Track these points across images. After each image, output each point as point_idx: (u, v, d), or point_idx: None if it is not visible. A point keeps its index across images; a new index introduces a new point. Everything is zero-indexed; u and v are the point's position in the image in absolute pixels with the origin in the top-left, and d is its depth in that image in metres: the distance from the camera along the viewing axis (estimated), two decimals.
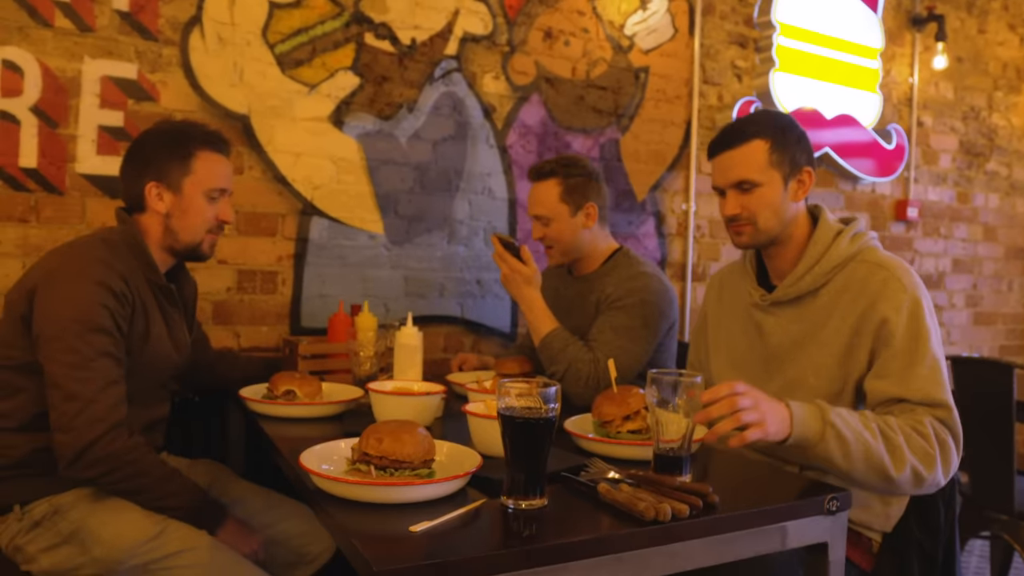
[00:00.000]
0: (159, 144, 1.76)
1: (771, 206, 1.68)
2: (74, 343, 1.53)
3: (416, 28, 2.78)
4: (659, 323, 2.17)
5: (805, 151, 1.72)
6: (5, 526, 1.62)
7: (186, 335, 1.88)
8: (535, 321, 2.14)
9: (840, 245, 1.67)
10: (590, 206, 2.27)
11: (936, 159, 4.22)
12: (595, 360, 2.05)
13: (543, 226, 2.27)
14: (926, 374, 1.52)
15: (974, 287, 4.42)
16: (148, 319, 1.71)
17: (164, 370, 1.79)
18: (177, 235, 1.77)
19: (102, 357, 1.55)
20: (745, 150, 1.68)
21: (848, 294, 1.63)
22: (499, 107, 2.96)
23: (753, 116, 1.79)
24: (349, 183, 2.70)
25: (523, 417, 1.17)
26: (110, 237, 1.73)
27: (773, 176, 1.67)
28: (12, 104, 2.22)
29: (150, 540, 1.55)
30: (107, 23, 2.33)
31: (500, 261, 2.14)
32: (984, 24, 4.36)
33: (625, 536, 1.13)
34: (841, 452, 1.42)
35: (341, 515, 1.15)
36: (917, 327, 1.55)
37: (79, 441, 1.48)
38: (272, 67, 2.56)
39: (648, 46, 3.28)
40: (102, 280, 1.59)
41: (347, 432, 1.56)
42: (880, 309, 1.57)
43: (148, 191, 1.74)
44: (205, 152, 1.77)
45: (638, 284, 2.18)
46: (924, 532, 1.67)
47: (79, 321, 1.54)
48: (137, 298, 1.67)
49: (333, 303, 2.62)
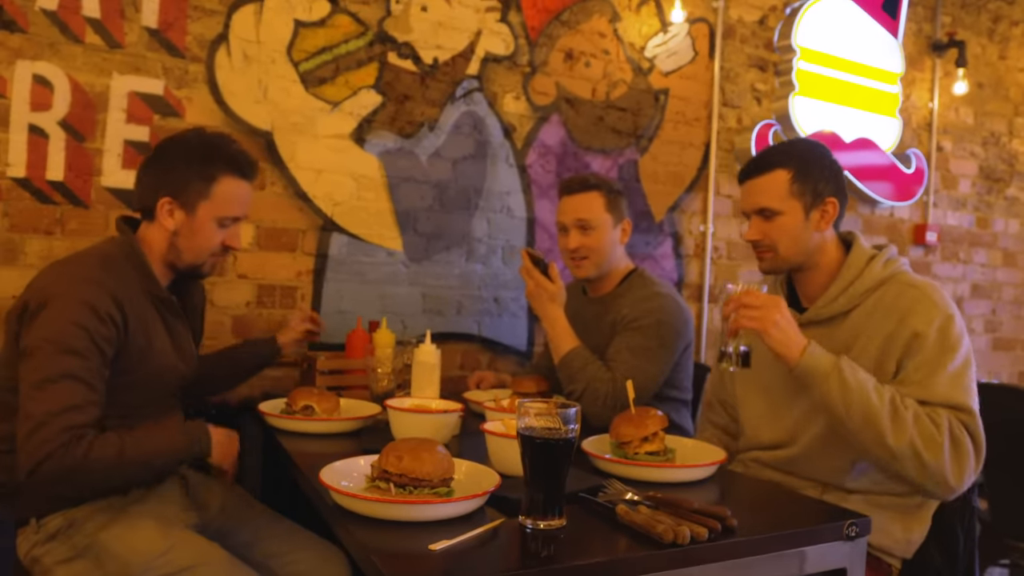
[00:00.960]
0: (183, 160, 1.70)
1: (791, 234, 1.71)
2: (40, 362, 1.49)
3: (438, 48, 2.81)
4: (675, 343, 2.18)
5: (831, 181, 1.73)
6: (24, 538, 1.62)
7: (191, 345, 1.85)
8: (556, 339, 2.14)
9: (874, 269, 1.69)
10: (627, 223, 2.32)
11: (955, 184, 4.21)
12: (614, 380, 2.04)
13: (582, 235, 2.26)
14: (949, 380, 1.53)
15: (993, 312, 4.38)
16: (149, 333, 1.67)
17: (170, 382, 1.76)
18: (181, 254, 1.73)
19: (64, 379, 1.48)
20: (767, 179, 1.72)
21: (878, 313, 1.64)
22: (519, 127, 2.98)
23: (782, 145, 1.83)
24: (369, 200, 2.73)
25: (543, 437, 1.17)
26: (109, 251, 1.69)
27: (793, 205, 1.70)
28: (41, 118, 2.27)
29: (162, 555, 1.54)
30: (136, 40, 2.37)
31: (527, 276, 2.16)
32: (1005, 50, 4.35)
33: (643, 559, 1.13)
34: (842, 398, 1.48)
35: (360, 532, 1.15)
36: (946, 340, 1.56)
37: (28, 462, 1.44)
38: (296, 84, 2.60)
39: (668, 68, 3.30)
40: (85, 300, 1.54)
41: (365, 449, 1.57)
42: (910, 324, 1.59)
43: (160, 205, 1.69)
44: (228, 178, 1.72)
45: (654, 304, 2.18)
46: (944, 558, 1.66)
47: (52, 341, 1.50)
48: (132, 313, 1.62)
49: (351, 319, 2.64)
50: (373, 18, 2.71)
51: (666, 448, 1.60)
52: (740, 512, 1.26)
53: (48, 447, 1.45)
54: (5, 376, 1.61)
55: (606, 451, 1.61)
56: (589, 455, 1.58)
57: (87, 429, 1.49)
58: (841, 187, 1.75)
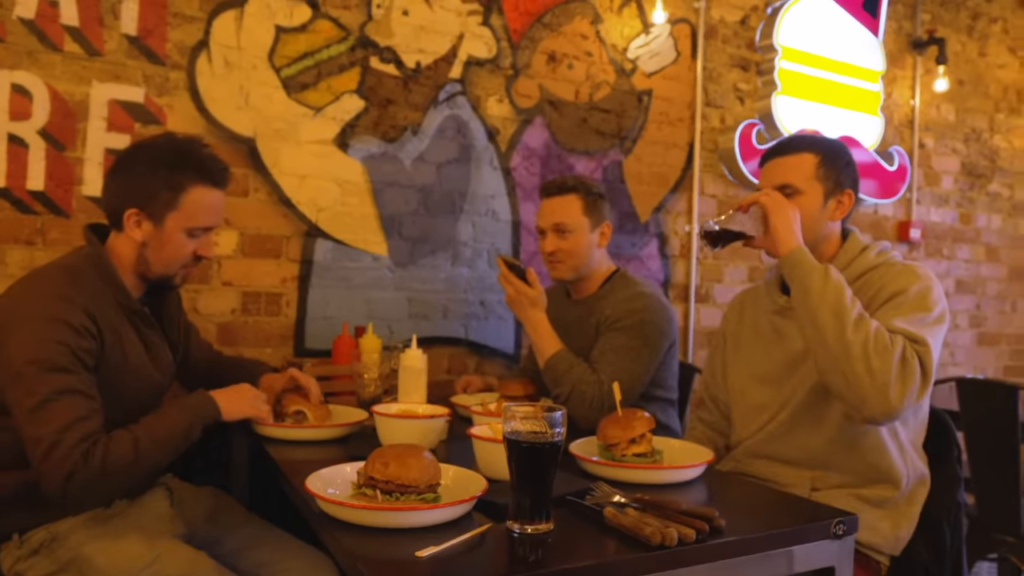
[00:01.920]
0: (149, 168, 1.63)
1: (808, 216, 1.73)
2: (32, 385, 1.46)
3: (421, 52, 2.81)
4: (660, 342, 2.18)
5: (851, 176, 1.79)
6: (6, 553, 1.60)
7: (168, 356, 1.81)
8: (540, 343, 2.14)
9: (867, 256, 1.73)
10: (606, 225, 2.32)
11: (938, 180, 4.24)
12: (599, 382, 2.04)
13: (559, 238, 2.27)
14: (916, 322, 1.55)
15: (977, 308, 4.41)
16: (124, 346, 1.64)
17: (149, 394, 1.73)
18: (150, 265, 1.68)
19: (62, 396, 1.47)
20: (796, 159, 1.77)
21: (865, 290, 1.67)
22: (503, 130, 2.98)
23: (809, 135, 1.89)
24: (353, 205, 2.72)
25: (529, 441, 1.17)
26: (75, 263, 1.64)
27: (816, 188, 1.75)
28: (21, 127, 2.25)
29: (147, 566, 1.52)
30: (115, 47, 2.36)
31: (505, 283, 2.15)
32: (985, 47, 4.39)
33: (631, 561, 1.13)
34: (821, 287, 1.55)
35: (347, 539, 1.14)
36: (923, 299, 1.59)
37: (54, 485, 1.44)
38: (278, 90, 2.59)
39: (651, 69, 3.30)
40: (58, 316, 1.50)
41: (352, 455, 1.56)
42: (891, 287, 1.62)
43: (127, 216, 1.63)
44: (197, 187, 1.65)
45: (637, 305, 2.18)
46: (932, 554, 1.67)
47: (35, 362, 1.46)
48: (106, 327, 1.58)
49: (337, 325, 2.63)
50: (354, 23, 2.70)
51: (653, 450, 1.60)
52: (728, 512, 1.26)
53: (68, 464, 1.44)
54: None
55: (593, 453, 1.61)
56: (576, 457, 1.58)
57: (99, 434, 1.49)
58: (857, 185, 1.81)
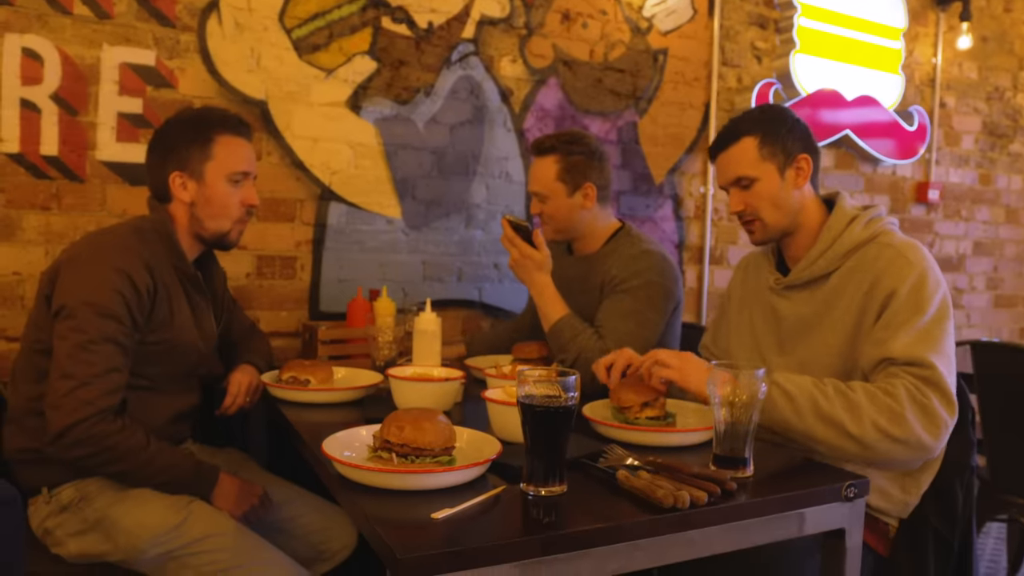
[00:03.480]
0: (178, 132, 1.76)
1: (771, 198, 1.73)
2: (82, 324, 1.54)
3: (433, 11, 2.77)
4: (665, 304, 2.16)
5: (799, 139, 1.75)
6: (35, 508, 1.65)
7: (212, 324, 1.88)
8: (545, 307, 2.11)
9: (854, 230, 1.68)
10: (588, 187, 2.22)
11: (958, 140, 4.17)
12: (605, 350, 2.04)
13: (540, 202, 2.26)
14: (914, 337, 1.51)
15: (995, 270, 4.37)
16: (172, 305, 1.72)
17: (189, 357, 1.79)
18: (203, 223, 1.77)
19: (107, 342, 1.55)
20: (736, 149, 1.76)
21: (857, 275, 1.64)
22: (516, 90, 2.95)
23: (743, 114, 1.83)
24: (367, 168, 2.71)
25: (543, 405, 1.18)
26: (142, 225, 1.75)
27: (767, 169, 1.73)
28: (33, 92, 2.24)
29: (173, 529, 1.57)
30: (125, 10, 2.34)
31: (509, 245, 2.08)
32: (1011, 3, 4.27)
33: (644, 523, 1.14)
34: (791, 408, 1.46)
35: (363, 502, 1.16)
36: (918, 297, 1.55)
37: (64, 420, 1.49)
38: (289, 52, 2.57)
39: (667, 28, 3.25)
40: (122, 268, 1.60)
41: (368, 418, 1.58)
42: (885, 284, 1.58)
43: (172, 181, 1.75)
44: (224, 136, 1.77)
45: (643, 265, 2.15)
46: (942, 517, 1.68)
47: (91, 304, 1.55)
48: (161, 286, 1.68)
49: (352, 288, 2.64)
50: None
51: (667, 413, 1.61)
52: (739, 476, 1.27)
53: (89, 409, 1.50)
54: (35, 339, 1.65)
55: (607, 416, 1.62)
56: (590, 420, 1.59)
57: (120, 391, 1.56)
58: (811, 143, 1.77)
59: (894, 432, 1.43)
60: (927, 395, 1.46)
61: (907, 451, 1.46)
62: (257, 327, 2.18)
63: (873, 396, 1.46)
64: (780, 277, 1.79)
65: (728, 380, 1.30)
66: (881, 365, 1.53)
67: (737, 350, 1.89)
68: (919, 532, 1.64)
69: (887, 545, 1.64)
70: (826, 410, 1.45)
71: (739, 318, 1.93)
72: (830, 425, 1.45)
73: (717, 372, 1.32)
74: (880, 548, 1.63)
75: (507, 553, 1.04)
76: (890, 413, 1.44)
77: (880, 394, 1.46)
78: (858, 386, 1.49)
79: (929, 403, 1.45)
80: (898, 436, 1.44)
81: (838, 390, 1.48)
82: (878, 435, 1.43)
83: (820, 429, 1.45)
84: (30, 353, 1.67)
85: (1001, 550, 3.16)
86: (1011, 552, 2.85)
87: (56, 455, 1.54)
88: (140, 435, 1.57)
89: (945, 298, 1.57)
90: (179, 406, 1.79)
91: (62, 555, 1.62)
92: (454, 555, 1.00)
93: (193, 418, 1.87)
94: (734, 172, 1.76)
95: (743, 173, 1.74)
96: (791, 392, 1.47)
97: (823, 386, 1.49)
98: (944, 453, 1.66)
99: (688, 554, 1.20)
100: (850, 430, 1.44)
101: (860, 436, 1.43)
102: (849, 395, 1.47)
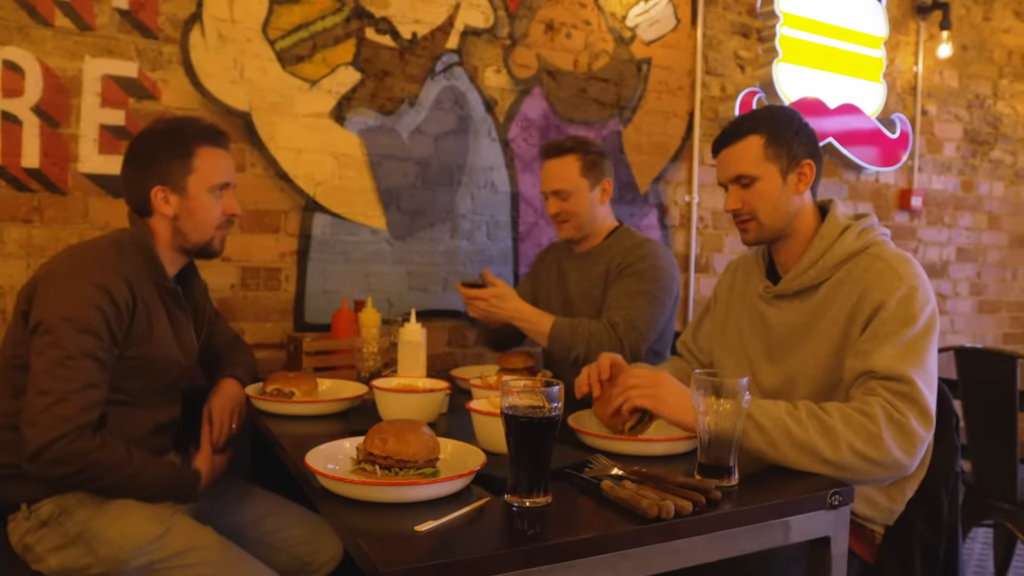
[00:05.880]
0: (158, 145, 1.73)
1: (770, 200, 1.70)
2: (60, 340, 1.52)
3: (417, 22, 2.78)
4: (671, 286, 2.22)
5: (805, 144, 1.72)
6: (15, 524, 1.63)
7: (192, 338, 1.86)
8: (532, 325, 2.15)
9: (846, 240, 1.66)
10: (607, 182, 2.35)
11: (940, 148, 4.21)
12: (612, 324, 2.07)
13: (561, 200, 2.31)
14: (898, 351, 1.48)
15: (978, 276, 4.41)
16: (151, 320, 1.70)
17: (170, 371, 1.77)
18: (187, 235, 1.75)
19: (85, 358, 1.53)
20: (741, 146, 1.72)
21: (846, 286, 1.62)
22: (501, 101, 2.96)
23: (752, 112, 1.81)
24: (351, 179, 2.71)
25: (527, 416, 1.17)
26: (121, 239, 1.73)
27: (770, 169, 1.70)
28: (14, 104, 2.23)
29: (155, 540, 1.55)
30: (107, 21, 2.33)
31: (472, 300, 2.16)
32: (990, 11, 4.33)
33: (629, 533, 1.13)
34: (763, 440, 1.41)
35: (347, 515, 1.15)
36: (905, 311, 1.52)
37: (41, 437, 1.47)
38: (273, 63, 2.56)
39: (650, 37, 3.27)
40: (100, 283, 1.58)
41: (352, 430, 1.57)
42: (873, 297, 1.56)
43: (154, 195, 1.72)
44: (205, 148, 1.74)
45: (646, 250, 2.22)
46: (928, 522, 1.68)
47: (70, 319, 1.53)
48: (140, 300, 1.66)
49: (336, 299, 2.63)
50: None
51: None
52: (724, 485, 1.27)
53: (66, 426, 1.48)
54: (12, 354, 1.64)
55: (591, 426, 1.61)
56: (574, 430, 1.59)
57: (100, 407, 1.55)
58: (816, 149, 1.74)
59: (871, 455, 1.40)
60: (904, 412, 1.43)
61: (883, 472, 1.43)
62: (241, 339, 2.16)
63: (848, 418, 1.42)
64: (770, 285, 1.77)
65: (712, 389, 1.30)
66: (861, 379, 1.51)
67: (724, 357, 1.87)
68: (905, 538, 1.64)
69: (873, 552, 1.64)
70: (800, 438, 1.41)
71: (726, 321, 1.91)
72: (804, 452, 1.40)
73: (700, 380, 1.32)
74: (866, 555, 1.63)
75: (492, 565, 1.03)
76: (867, 435, 1.41)
77: (856, 415, 1.43)
78: (833, 408, 1.45)
79: (906, 421, 1.42)
80: (875, 458, 1.40)
81: (812, 414, 1.43)
82: (855, 458, 1.40)
83: (794, 457, 1.41)
84: (7, 369, 1.65)
85: (988, 555, 3.17)
86: (997, 557, 2.86)
87: (36, 473, 1.51)
88: (121, 449, 1.56)
89: (933, 313, 1.54)
90: (160, 419, 1.77)
91: (42, 571, 1.60)
92: (438, 568, 0.99)
93: (175, 430, 1.85)
94: (735, 169, 1.72)
95: (745, 171, 1.71)
96: (763, 424, 1.42)
97: (796, 412, 1.44)
98: (929, 459, 1.66)
99: (674, 564, 1.19)
100: (826, 455, 1.40)
101: (837, 461, 1.40)
102: (824, 419, 1.42)
